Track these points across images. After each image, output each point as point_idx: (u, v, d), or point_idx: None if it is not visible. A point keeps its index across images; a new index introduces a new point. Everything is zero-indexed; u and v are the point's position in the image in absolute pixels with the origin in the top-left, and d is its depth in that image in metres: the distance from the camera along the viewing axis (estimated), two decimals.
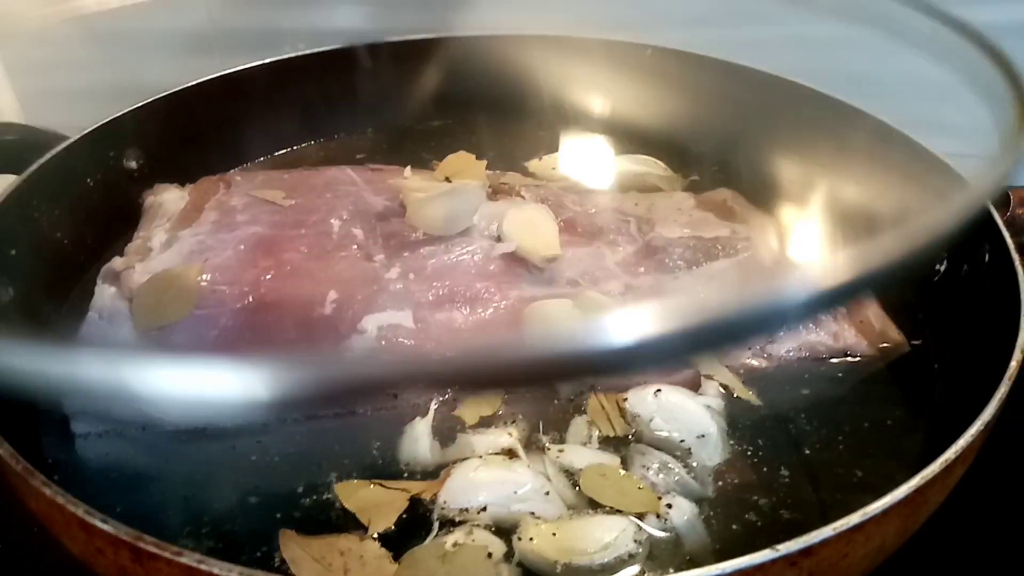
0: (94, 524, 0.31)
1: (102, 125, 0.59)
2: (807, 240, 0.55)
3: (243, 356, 0.19)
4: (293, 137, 0.72)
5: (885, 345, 0.48)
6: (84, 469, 0.43)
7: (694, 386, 0.46)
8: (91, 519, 0.31)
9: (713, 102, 0.64)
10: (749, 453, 0.42)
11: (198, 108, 0.65)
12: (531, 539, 0.38)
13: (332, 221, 0.55)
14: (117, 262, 0.50)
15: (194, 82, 0.64)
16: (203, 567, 0.30)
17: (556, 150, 0.67)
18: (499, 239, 0.53)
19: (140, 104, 0.61)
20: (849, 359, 0.47)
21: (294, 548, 0.38)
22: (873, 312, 0.50)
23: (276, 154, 0.71)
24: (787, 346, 0.48)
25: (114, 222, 0.58)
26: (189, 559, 0.30)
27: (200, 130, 0.65)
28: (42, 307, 0.52)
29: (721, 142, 0.64)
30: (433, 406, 0.45)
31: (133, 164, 0.62)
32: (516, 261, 0.52)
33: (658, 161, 0.66)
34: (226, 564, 0.29)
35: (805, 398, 0.45)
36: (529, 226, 0.54)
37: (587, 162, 0.68)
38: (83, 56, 0.81)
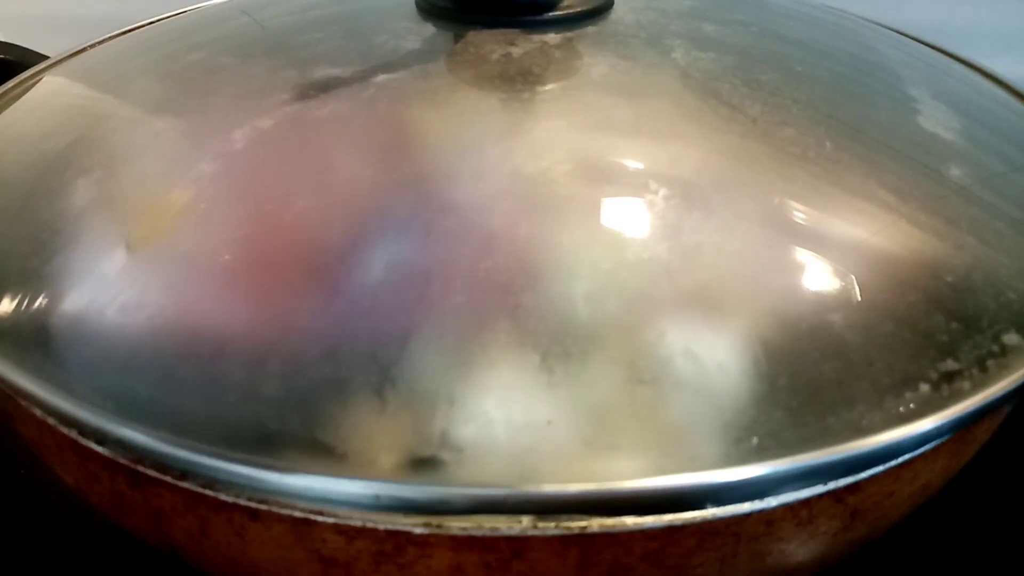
0: (89, 446, 0.29)
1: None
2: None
3: None
4: None
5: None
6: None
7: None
8: (86, 441, 0.29)
9: None
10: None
11: None
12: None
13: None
14: None
15: (169, 15, 0.58)
16: (208, 493, 0.28)
17: None
18: None
19: (115, 34, 0.55)
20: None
21: None
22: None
23: None
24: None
25: None
26: (193, 484, 0.28)
27: None
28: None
29: None
30: None
31: None
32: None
33: None
34: (233, 487, 0.27)
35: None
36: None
37: None
38: None
